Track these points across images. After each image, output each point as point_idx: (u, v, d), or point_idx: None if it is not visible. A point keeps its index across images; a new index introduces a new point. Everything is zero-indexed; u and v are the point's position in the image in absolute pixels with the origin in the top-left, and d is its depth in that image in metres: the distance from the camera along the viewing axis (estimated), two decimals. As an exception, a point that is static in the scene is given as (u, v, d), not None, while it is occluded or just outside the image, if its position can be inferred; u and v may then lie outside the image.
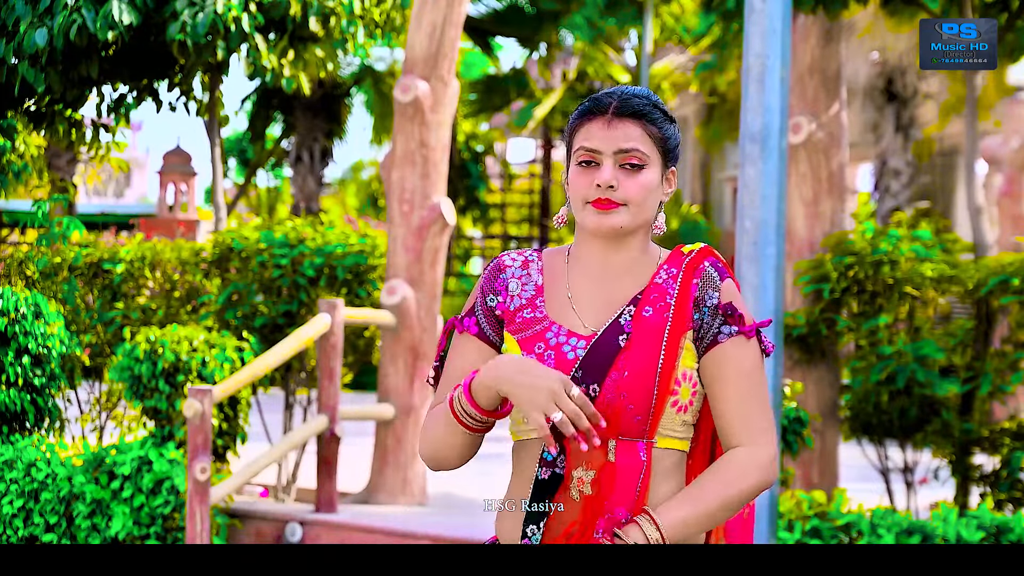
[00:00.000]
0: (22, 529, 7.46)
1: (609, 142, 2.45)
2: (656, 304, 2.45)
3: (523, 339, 2.47)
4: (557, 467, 2.38)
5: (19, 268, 9.13)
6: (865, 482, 7.98)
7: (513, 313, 2.50)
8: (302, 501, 8.21)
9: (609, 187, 2.44)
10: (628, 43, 21.06)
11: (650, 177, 2.46)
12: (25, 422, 7.81)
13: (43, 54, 9.02)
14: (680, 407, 2.43)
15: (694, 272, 2.47)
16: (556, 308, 2.49)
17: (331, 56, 10.93)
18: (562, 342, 2.44)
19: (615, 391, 2.39)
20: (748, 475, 2.41)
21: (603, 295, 2.48)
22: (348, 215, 20.83)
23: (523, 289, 2.52)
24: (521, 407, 2.31)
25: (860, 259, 7.12)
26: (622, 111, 2.46)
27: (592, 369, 2.40)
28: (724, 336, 2.43)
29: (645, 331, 2.42)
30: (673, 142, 2.51)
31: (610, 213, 2.44)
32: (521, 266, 2.54)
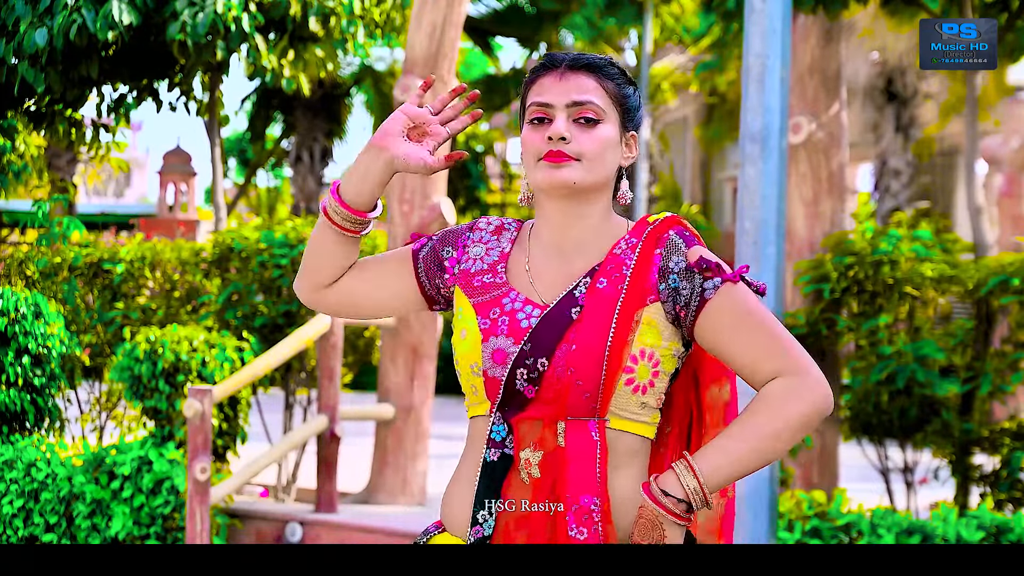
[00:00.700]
0: (22, 529, 7.46)
1: (562, 95, 2.33)
2: (612, 275, 2.31)
3: (479, 303, 2.36)
4: (506, 448, 2.28)
5: (19, 268, 9.13)
6: (865, 482, 7.98)
7: (472, 276, 2.40)
8: (302, 501, 8.21)
9: (561, 139, 2.31)
10: (628, 43, 21.06)
11: (606, 132, 2.34)
12: (25, 422, 7.81)
13: (43, 54, 9.02)
14: (638, 387, 2.28)
15: (657, 242, 2.33)
16: (515, 276, 2.38)
17: (331, 56, 10.93)
18: (517, 308, 2.33)
19: (563, 365, 2.26)
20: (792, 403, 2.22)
21: (562, 267, 2.36)
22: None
23: (487, 253, 2.42)
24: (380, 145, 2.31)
25: (860, 259, 7.12)
26: (576, 63, 2.35)
27: (541, 341, 2.28)
28: (710, 291, 2.28)
29: (598, 303, 2.29)
30: (633, 102, 2.39)
31: (562, 167, 2.31)
32: (493, 232, 2.45)
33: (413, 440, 8.21)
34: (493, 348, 2.30)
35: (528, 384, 2.28)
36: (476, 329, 2.33)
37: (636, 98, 2.40)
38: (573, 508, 2.23)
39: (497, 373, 2.29)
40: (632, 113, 2.39)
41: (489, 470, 2.28)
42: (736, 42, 14.27)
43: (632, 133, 2.40)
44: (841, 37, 7.85)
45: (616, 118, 2.36)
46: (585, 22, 18.84)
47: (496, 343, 2.30)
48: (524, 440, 2.27)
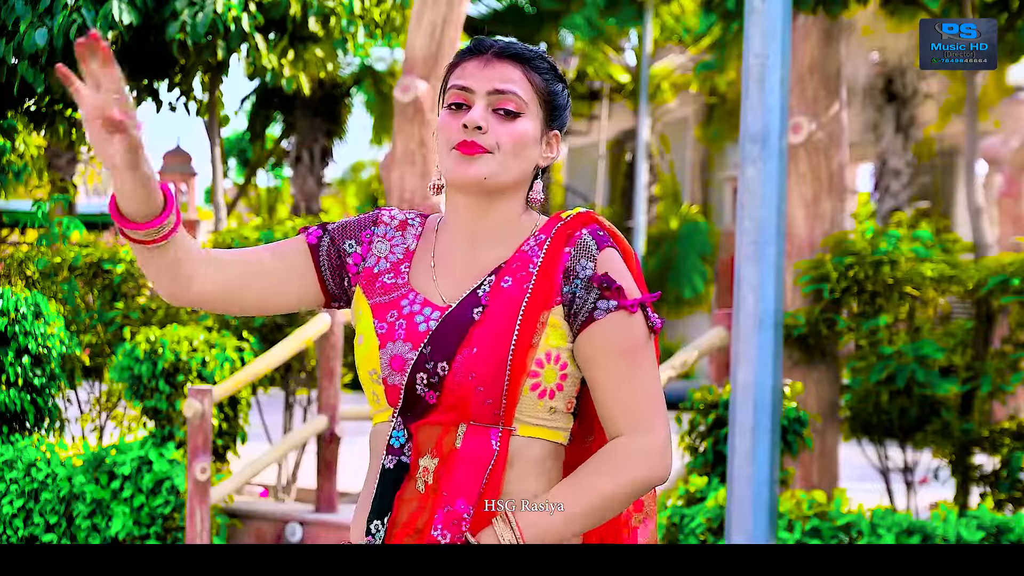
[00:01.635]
0: (22, 529, 7.46)
1: (483, 81, 2.19)
2: (517, 274, 2.17)
3: (376, 305, 2.22)
4: (403, 455, 2.17)
5: (19, 268, 9.13)
6: (865, 482, 7.97)
7: (375, 276, 2.25)
8: (302, 501, 8.21)
9: (477, 128, 2.17)
10: (628, 43, 21.06)
11: (526, 127, 2.19)
12: (25, 422, 7.81)
13: (43, 54, 9.02)
14: (544, 391, 2.15)
15: (566, 240, 2.18)
16: (419, 276, 2.24)
17: (331, 56, 10.94)
18: (415, 311, 2.19)
19: (464, 370, 2.12)
20: (628, 467, 2.12)
21: (467, 264, 2.22)
22: (348, 215, 20.80)
23: (391, 252, 2.27)
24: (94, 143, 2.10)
25: (860, 259, 7.12)
26: (503, 52, 2.21)
27: (441, 345, 2.14)
28: (601, 312, 2.14)
29: (501, 304, 2.15)
30: (559, 100, 2.25)
31: (474, 159, 2.17)
32: (397, 227, 2.30)
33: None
34: (391, 354, 2.17)
35: (429, 390, 2.15)
36: (373, 334, 2.20)
37: (564, 96, 2.27)
38: (444, 509, 2.13)
39: (396, 380, 2.17)
40: (558, 112, 2.26)
41: (386, 478, 2.19)
42: (736, 42, 14.26)
43: (555, 132, 2.26)
44: (841, 37, 7.85)
45: (539, 114, 2.23)
46: (585, 22, 18.84)
47: (394, 349, 2.17)
48: (423, 447, 2.16)
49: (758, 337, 4.94)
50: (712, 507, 5.96)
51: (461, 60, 2.24)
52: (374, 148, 30.68)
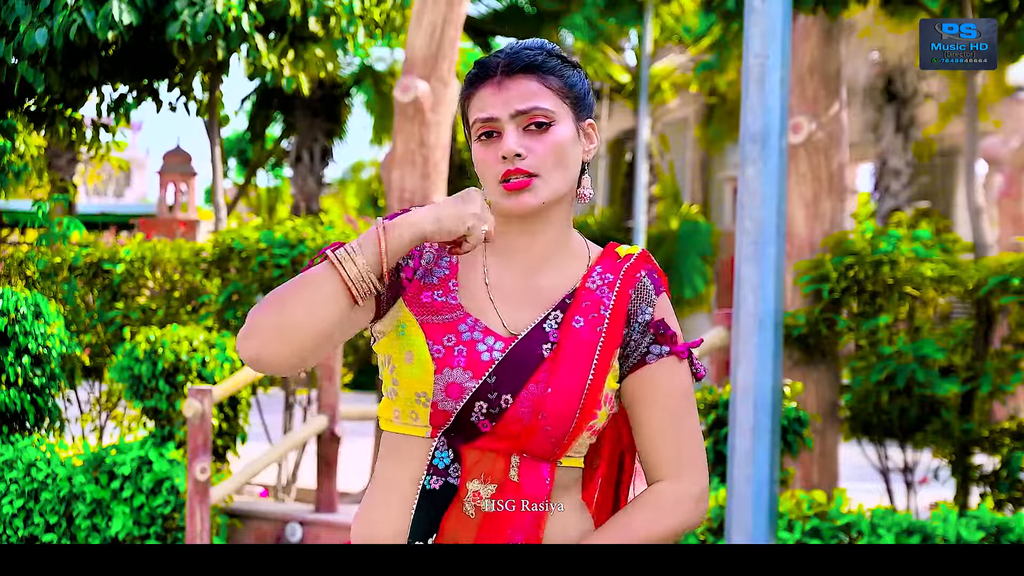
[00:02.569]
0: (22, 529, 7.46)
1: (504, 106, 2.12)
2: (588, 315, 2.15)
3: (430, 324, 2.14)
4: (450, 477, 2.10)
5: (19, 268, 9.14)
6: (865, 482, 7.98)
7: (420, 290, 2.17)
8: (302, 501, 8.21)
9: (516, 155, 2.11)
10: (628, 43, 21.06)
11: (561, 134, 2.14)
12: (25, 422, 7.81)
13: (43, 54, 9.02)
14: (596, 431, 2.17)
15: (632, 281, 2.18)
16: (471, 296, 2.17)
17: (331, 56, 10.94)
18: (477, 339, 2.12)
19: (531, 407, 2.09)
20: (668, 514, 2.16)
21: (525, 291, 2.17)
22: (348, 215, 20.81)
23: (436, 264, 2.19)
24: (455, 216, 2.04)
25: (860, 259, 7.13)
26: (511, 68, 2.13)
27: (508, 378, 2.09)
28: (653, 357, 2.16)
29: (575, 345, 2.12)
30: (581, 89, 2.19)
31: (523, 193, 2.11)
32: None
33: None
34: (448, 381, 2.10)
35: (485, 419, 2.11)
36: (428, 356, 2.12)
37: (583, 82, 2.21)
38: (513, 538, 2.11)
39: (448, 407, 2.11)
40: (583, 100, 2.20)
41: (429, 498, 2.12)
42: (736, 42, 14.26)
43: (589, 121, 2.21)
44: (841, 37, 7.85)
45: (568, 112, 2.17)
46: (585, 22, 18.84)
47: (451, 376, 2.10)
48: (472, 471, 2.10)
49: (758, 337, 4.94)
50: (712, 507, 5.96)
51: (473, 89, 2.17)
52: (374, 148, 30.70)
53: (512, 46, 2.19)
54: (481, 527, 2.09)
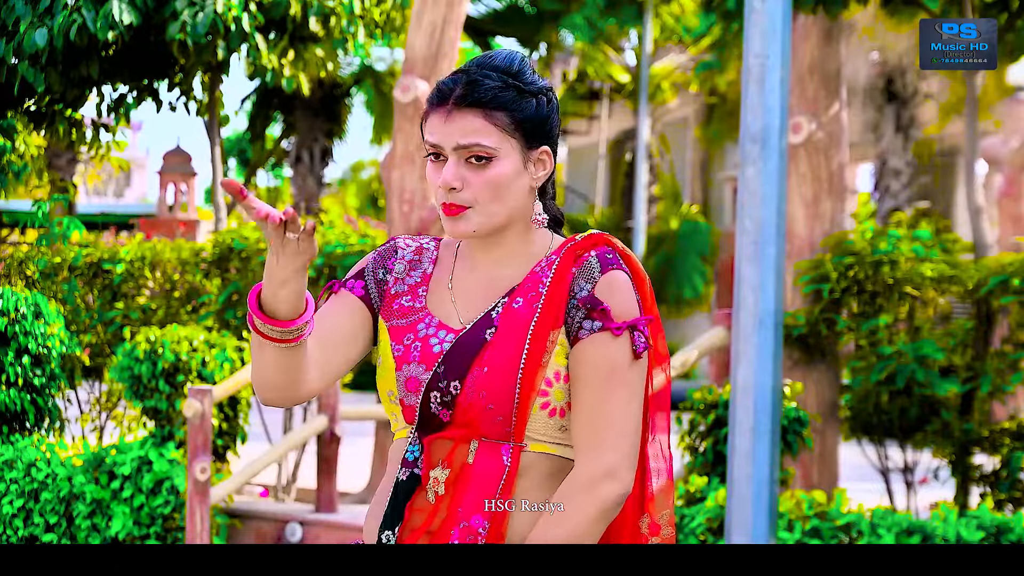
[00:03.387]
0: (22, 529, 7.46)
1: (447, 137, 2.21)
2: (527, 294, 2.22)
3: (394, 327, 2.29)
4: (416, 467, 2.22)
5: (19, 268, 9.14)
6: (865, 482, 7.98)
7: (392, 299, 2.31)
8: (302, 501, 8.22)
9: (451, 189, 2.21)
10: (628, 43, 21.06)
11: (500, 170, 2.20)
12: (25, 422, 7.81)
13: (43, 54, 9.02)
14: (554, 410, 2.20)
15: (574, 261, 2.22)
16: (437, 299, 2.30)
17: (331, 56, 10.94)
18: (431, 334, 2.25)
19: (474, 389, 2.18)
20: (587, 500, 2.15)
21: (483, 286, 2.28)
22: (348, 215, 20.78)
23: (409, 275, 2.33)
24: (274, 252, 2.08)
25: (860, 259, 7.13)
26: (462, 100, 2.20)
27: (453, 365, 2.20)
28: (585, 332, 2.19)
29: (511, 324, 2.20)
30: (535, 119, 2.23)
31: (458, 219, 2.22)
32: (414, 252, 2.35)
33: (413, 440, 8.21)
34: (407, 376, 2.24)
35: (443, 408, 2.21)
36: (390, 356, 2.26)
37: (542, 109, 2.25)
38: (460, 525, 2.18)
39: (412, 400, 2.24)
40: (536, 130, 2.24)
41: (398, 489, 2.23)
42: (736, 42, 14.25)
43: (543, 148, 2.26)
44: (841, 37, 7.85)
45: (515, 146, 2.22)
46: (585, 22, 18.83)
47: (409, 371, 2.24)
48: (434, 459, 2.21)
49: (758, 337, 4.94)
50: (712, 507, 5.96)
51: (429, 110, 2.25)
52: (374, 148, 30.68)
53: (477, 66, 2.23)
54: (434, 508, 2.18)
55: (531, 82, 2.25)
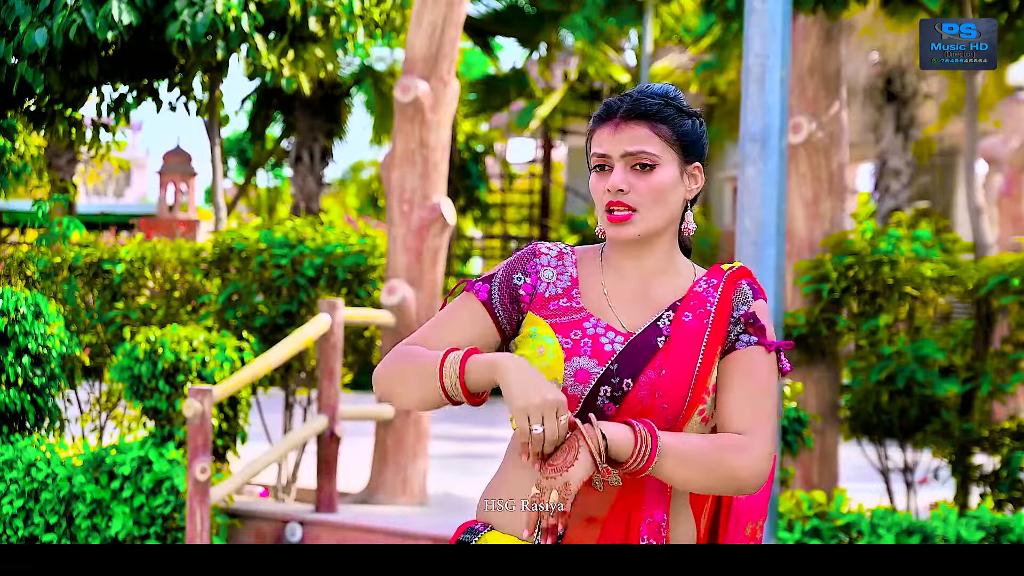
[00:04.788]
0: (22, 529, 7.46)
1: (615, 145, 2.45)
2: (696, 311, 2.45)
3: (558, 324, 2.45)
4: None
5: (19, 268, 9.13)
6: (865, 482, 7.98)
7: (547, 300, 2.47)
8: (302, 501, 8.21)
9: (619, 191, 2.43)
10: (628, 43, 21.06)
11: (662, 177, 2.45)
12: (25, 422, 7.81)
13: (43, 54, 9.02)
14: (706, 418, 2.43)
15: (733, 286, 2.48)
16: (592, 302, 2.47)
17: (331, 56, 10.93)
18: (600, 333, 2.42)
19: (649, 388, 2.38)
20: (742, 456, 2.35)
21: (640, 297, 2.48)
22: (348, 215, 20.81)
23: (558, 278, 2.50)
24: (511, 400, 2.26)
25: (860, 259, 7.12)
26: (630, 114, 2.45)
27: (628, 363, 2.39)
28: (742, 344, 2.43)
29: (684, 335, 2.42)
30: (692, 136, 2.49)
31: (623, 225, 2.44)
32: (556, 256, 2.52)
33: (413, 440, 8.21)
34: (576, 367, 2.39)
35: (609, 402, 2.38)
36: (558, 347, 2.41)
37: (696, 131, 2.50)
38: (647, 520, 2.35)
39: (578, 391, 2.38)
40: (692, 146, 2.49)
41: None
42: (736, 42, 14.25)
43: (696, 164, 2.51)
44: (841, 37, 7.85)
45: (674, 158, 2.47)
46: (585, 22, 18.83)
47: (579, 363, 2.39)
48: None
49: (758, 337, 4.93)
50: (712, 507, 5.95)
51: (596, 127, 2.48)
52: (374, 148, 30.68)
53: (638, 91, 2.49)
54: (615, 499, 2.36)
55: (687, 105, 2.52)
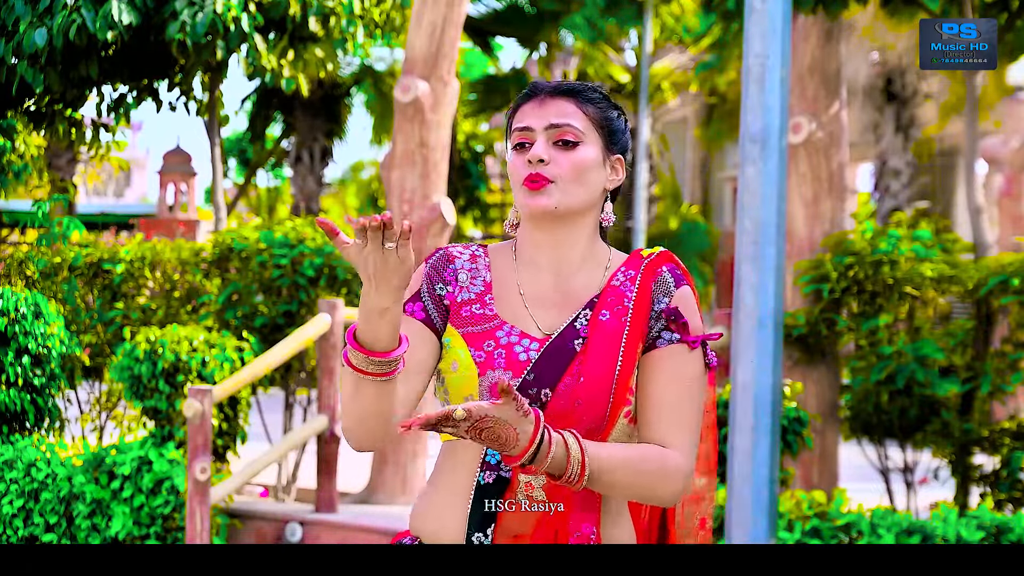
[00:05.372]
0: (22, 529, 7.46)
1: (540, 118, 2.36)
2: (613, 308, 2.33)
3: (470, 334, 2.33)
4: (502, 471, 2.28)
5: (19, 268, 9.13)
6: (865, 482, 7.97)
7: (460, 305, 2.37)
8: (302, 501, 8.21)
9: (540, 161, 2.33)
10: (628, 43, 21.05)
11: (584, 154, 2.35)
12: (25, 422, 7.81)
13: (43, 54, 9.02)
14: (633, 419, 2.32)
15: (652, 276, 2.36)
16: (506, 306, 2.36)
17: (331, 56, 10.93)
18: (514, 342, 2.31)
19: (569, 397, 2.27)
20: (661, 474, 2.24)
21: (557, 294, 2.37)
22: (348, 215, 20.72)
23: (472, 283, 2.39)
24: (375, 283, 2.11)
25: (860, 259, 7.12)
26: (557, 90, 2.39)
27: (545, 373, 2.28)
28: (664, 342, 2.32)
29: (602, 337, 2.30)
30: (616, 126, 2.40)
31: (540, 193, 2.32)
32: (470, 259, 2.41)
33: (413, 440, 8.21)
34: (491, 382, 2.28)
35: None
36: (471, 362, 2.31)
37: (620, 122, 2.42)
38: (575, 535, 2.26)
39: None
40: (615, 136, 2.40)
41: (483, 492, 2.28)
42: (736, 42, 14.25)
43: (617, 156, 2.41)
44: (841, 37, 7.85)
45: (598, 140, 2.38)
46: (585, 22, 18.83)
47: (493, 377, 2.29)
48: None
49: (758, 337, 4.94)
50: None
51: (519, 104, 2.40)
52: (374, 148, 30.66)
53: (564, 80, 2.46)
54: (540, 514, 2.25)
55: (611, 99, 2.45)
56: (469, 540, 2.26)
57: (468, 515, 2.28)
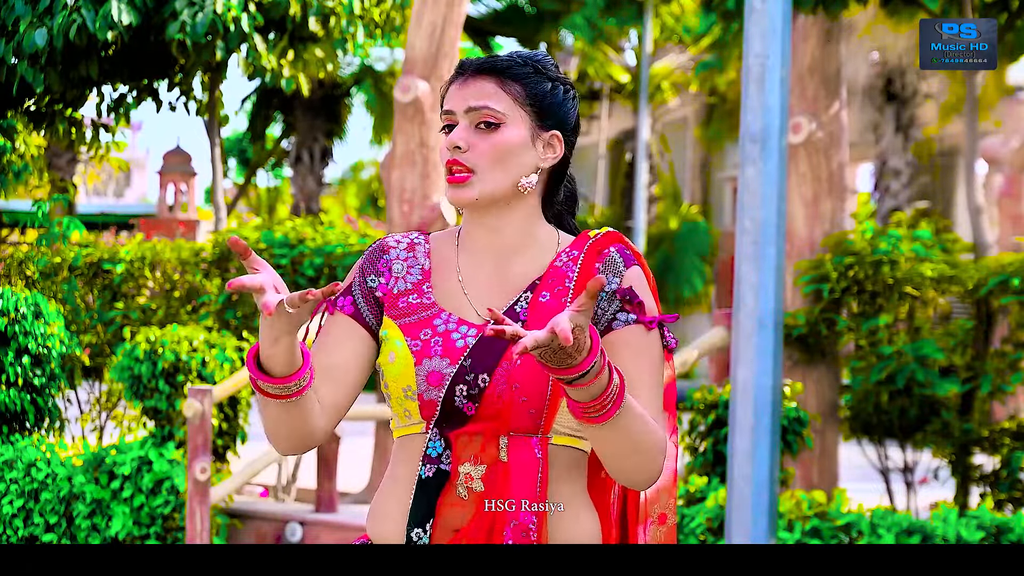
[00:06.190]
0: (22, 529, 7.46)
1: (460, 101, 2.25)
2: (554, 289, 2.23)
3: (406, 324, 2.25)
4: (442, 463, 2.20)
5: (19, 268, 9.13)
6: (865, 482, 7.98)
7: (396, 297, 2.29)
8: (302, 501, 8.22)
9: (456, 147, 2.22)
10: (628, 43, 21.06)
11: (506, 136, 2.23)
12: (25, 422, 7.81)
13: (43, 54, 9.02)
14: None
15: (597, 256, 2.24)
16: (445, 294, 2.27)
17: (331, 56, 10.94)
18: (451, 329, 2.23)
19: (506, 382, 2.17)
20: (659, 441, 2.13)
21: (498, 280, 2.27)
22: (348, 215, 20.81)
23: (408, 272, 2.30)
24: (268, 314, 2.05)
25: (860, 259, 7.13)
26: (479, 69, 2.26)
27: (481, 358, 2.18)
28: (619, 323, 2.20)
29: (541, 318, 2.18)
30: (549, 99, 2.27)
31: (460, 187, 2.23)
32: (406, 248, 2.33)
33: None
34: (428, 370, 2.21)
35: (468, 401, 2.19)
36: (407, 352, 2.23)
37: (557, 95, 2.28)
38: (512, 524, 2.17)
39: (433, 395, 2.21)
40: (550, 110, 2.27)
41: (423, 487, 2.20)
42: (736, 42, 14.26)
43: (553, 132, 2.27)
44: (841, 37, 7.85)
45: (525, 119, 2.25)
46: (585, 22, 18.84)
47: (430, 365, 2.21)
48: (462, 455, 2.19)
49: (758, 337, 4.94)
50: (712, 507, 5.96)
51: (448, 84, 2.29)
52: (374, 148, 30.69)
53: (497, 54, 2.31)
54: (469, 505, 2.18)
55: (550, 69, 2.31)
56: (408, 536, 2.20)
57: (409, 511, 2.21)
